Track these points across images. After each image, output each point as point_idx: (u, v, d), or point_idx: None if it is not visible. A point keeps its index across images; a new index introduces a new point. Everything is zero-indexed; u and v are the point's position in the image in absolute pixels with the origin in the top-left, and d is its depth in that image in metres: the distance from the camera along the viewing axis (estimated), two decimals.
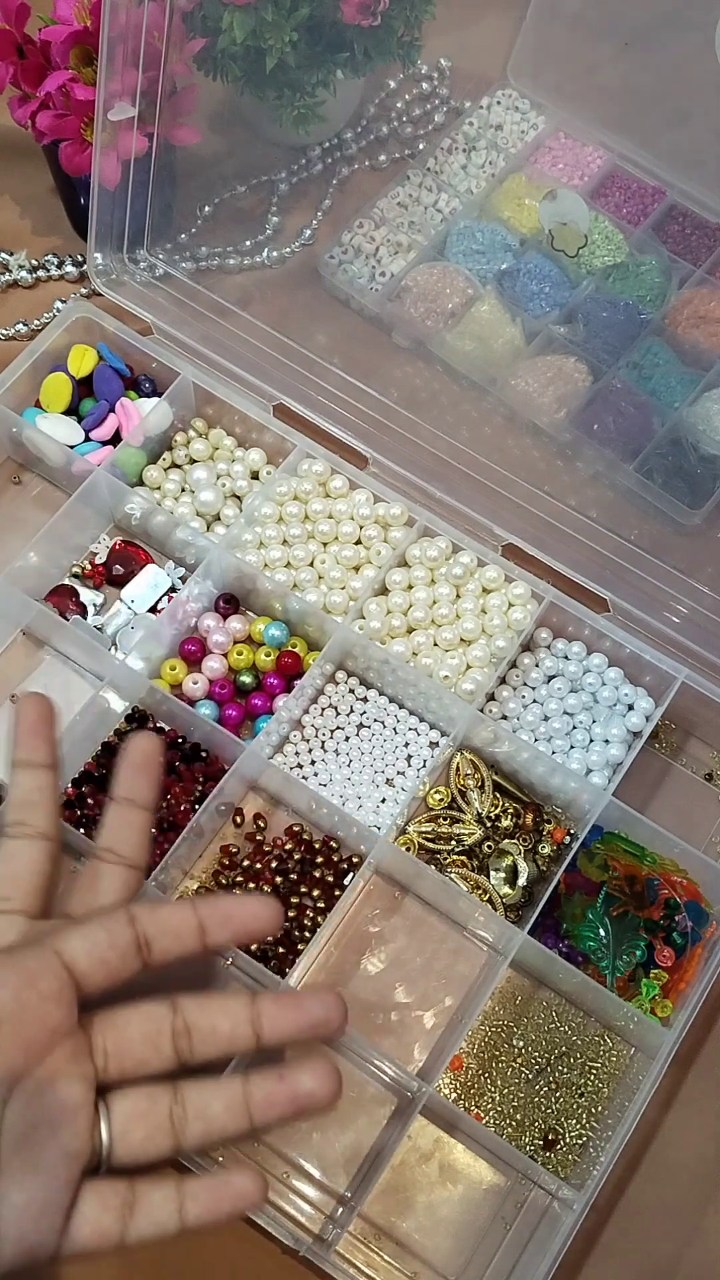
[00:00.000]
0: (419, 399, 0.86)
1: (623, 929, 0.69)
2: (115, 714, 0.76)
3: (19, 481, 0.84)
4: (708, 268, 0.90)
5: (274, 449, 0.82)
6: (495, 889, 0.72)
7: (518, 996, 0.71)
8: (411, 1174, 0.67)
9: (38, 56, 0.79)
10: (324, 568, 0.79)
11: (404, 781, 0.76)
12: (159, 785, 0.49)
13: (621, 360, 0.85)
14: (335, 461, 0.80)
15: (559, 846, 0.73)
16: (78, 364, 0.81)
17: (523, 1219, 0.67)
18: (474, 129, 0.97)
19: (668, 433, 0.83)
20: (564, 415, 0.84)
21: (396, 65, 0.89)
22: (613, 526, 0.80)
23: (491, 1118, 0.68)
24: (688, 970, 0.69)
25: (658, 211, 0.93)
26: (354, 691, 0.78)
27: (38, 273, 0.91)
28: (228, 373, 0.83)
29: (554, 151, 0.96)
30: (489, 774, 0.75)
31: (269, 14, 0.77)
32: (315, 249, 0.92)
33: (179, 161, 0.87)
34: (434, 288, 0.87)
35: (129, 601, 0.79)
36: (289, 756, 0.76)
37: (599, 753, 0.75)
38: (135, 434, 0.80)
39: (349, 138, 0.97)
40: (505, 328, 0.86)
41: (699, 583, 0.78)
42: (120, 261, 0.85)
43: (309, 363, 0.83)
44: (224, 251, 0.92)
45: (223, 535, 0.80)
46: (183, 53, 0.78)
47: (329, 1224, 0.65)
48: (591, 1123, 0.68)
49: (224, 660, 0.77)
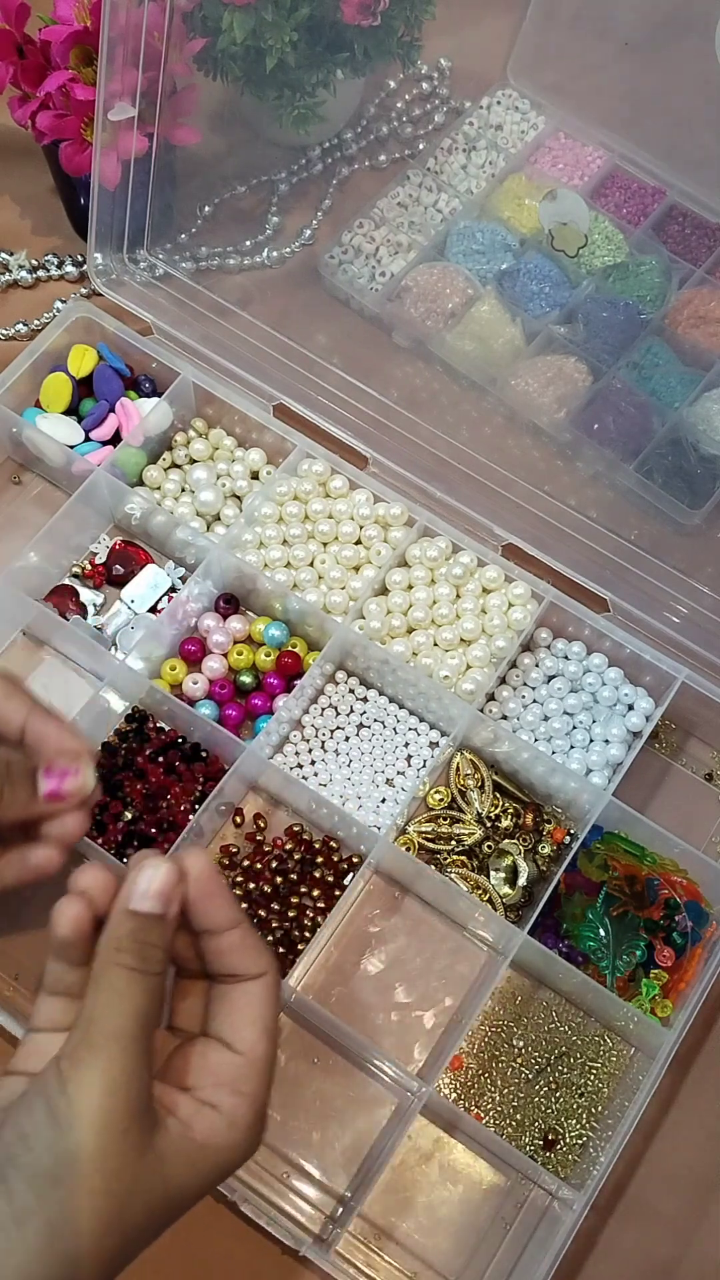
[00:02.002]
0: (419, 399, 0.86)
1: (623, 929, 0.69)
2: (115, 714, 0.76)
3: (19, 481, 0.84)
4: (708, 268, 0.90)
5: (274, 449, 0.82)
6: (495, 889, 0.72)
7: (518, 996, 0.71)
8: (411, 1174, 0.67)
9: (38, 56, 0.79)
10: (324, 568, 0.79)
11: (404, 781, 0.76)
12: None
13: (621, 360, 0.85)
14: (335, 461, 0.80)
15: (559, 846, 0.73)
16: (78, 364, 0.81)
17: (523, 1219, 0.67)
18: (474, 129, 0.97)
19: (668, 433, 0.83)
20: (564, 415, 0.84)
21: (396, 65, 0.89)
22: (613, 526, 0.80)
23: (491, 1118, 0.68)
24: (688, 970, 0.69)
25: (658, 211, 0.93)
26: (354, 691, 0.78)
27: (38, 273, 0.91)
28: (228, 373, 0.83)
29: (554, 151, 0.96)
30: (489, 774, 0.75)
31: (269, 14, 0.77)
32: (315, 249, 0.92)
33: (179, 161, 0.87)
34: (434, 288, 0.87)
35: (129, 601, 0.79)
36: (289, 756, 0.76)
37: (599, 753, 0.75)
38: (135, 434, 0.80)
39: (349, 138, 0.97)
40: (505, 328, 0.86)
41: (699, 583, 0.78)
42: (120, 261, 0.85)
43: (309, 363, 0.83)
44: (224, 251, 0.91)
45: (223, 535, 0.80)
46: (183, 53, 0.78)
47: (329, 1224, 0.65)
48: (591, 1123, 0.68)
49: (224, 660, 0.77)
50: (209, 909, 0.43)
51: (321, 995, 0.70)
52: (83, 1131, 0.38)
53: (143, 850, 0.46)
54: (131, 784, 0.73)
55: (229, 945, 0.44)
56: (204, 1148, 0.41)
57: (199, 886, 0.43)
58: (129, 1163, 0.39)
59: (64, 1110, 0.38)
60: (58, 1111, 0.38)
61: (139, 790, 0.72)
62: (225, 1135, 0.41)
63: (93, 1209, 0.38)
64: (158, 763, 0.74)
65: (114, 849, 0.70)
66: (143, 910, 0.42)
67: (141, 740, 0.75)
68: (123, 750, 0.74)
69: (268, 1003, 0.44)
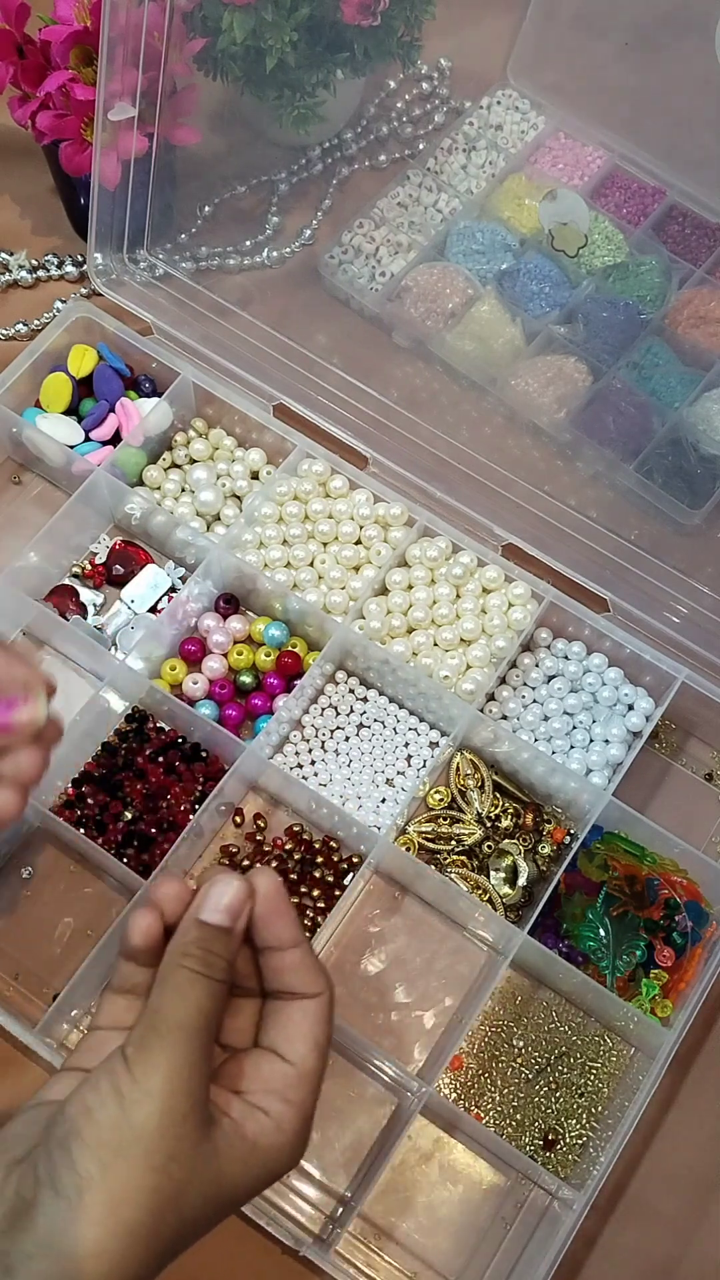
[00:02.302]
0: (419, 399, 0.86)
1: (623, 929, 0.69)
2: (115, 714, 0.76)
3: (19, 481, 0.84)
4: (708, 268, 0.90)
5: (274, 449, 0.82)
6: (495, 889, 0.72)
7: (518, 996, 0.71)
8: (411, 1174, 0.67)
9: (38, 56, 0.79)
10: (324, 568, 0.79)
11: (404, 781, 0.76)
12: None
13: (621, 360, 0.85)
14: (335, 461, 0.80)
15: (559, 846, 0.73)
16: (78, 364, 0.81)
17: (523, 1219, 0.67)
18: (474, 129, 0.97)
19: (668, 433, 0.83)
20: (564, 415, 0.84)
21: (396, 65, 0.89)
22: (613, 526, 0.80)
23: (491, 1118, 0.68)
24: (688, 970, 0.69)
25: (658, 211, 0.93)
26: (354, 691, 0.78)
27: (38, 273, 0.91)
28: (228, 373, 0.83)
29: (554, 151, 0.96)
30: (489, 774, 0.75)
31: (269, 14, 0.77)
32: (315, 249, 0.92)
33: (179, 161, 0.87)
34: (434, 288, 0.87)
35: (129, 601, 0.79)
36: (289, 756, 0.76)
37: (599, 753, 0.75)
38: (135, 434, 0.80)
39: (349, 138, 0.97)
40: (505, 328, 0.86)
41: (699, 583, 0.78)
42: (120, 261, 0.85)
43: (309, 363, 0.83)
44: (224, 251, 0.91)
45: (223, 535, 0.80)
46: (183, 53, 0.78)
47: (329, 1224, 0.65)
48: (591, 1123, 0.68)
49: (224, 660, 0.77)
50: (274, 927, 0.45)
51: None
52: (146, 1109, 0.40)
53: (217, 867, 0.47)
54: (131, 784, 0.73)
55: (290, 964, 0.46)
56: (254, 1147, 0.42)
57: (266, 904, 0.45)
58: (187, 1147, 0.40)
59: (129, 1089, 0.40)
60: (123, 1090, 0.40)
61: (139, 790, 0.72)
62: (273, 1138, 0.43)
63: (154, 1186, 0.39)
64: (158, 763, 0.74)
65: (114, 849, 0.70)
66: (212, 922, 0.44)
67: (141, 740, 0.75)
68: (123, 750, 0.74)
69: (322, 1021, 0.46)
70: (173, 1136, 0.40)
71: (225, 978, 0.43)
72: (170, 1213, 0.40)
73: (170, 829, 0.71)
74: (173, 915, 0.45)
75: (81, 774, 0.73)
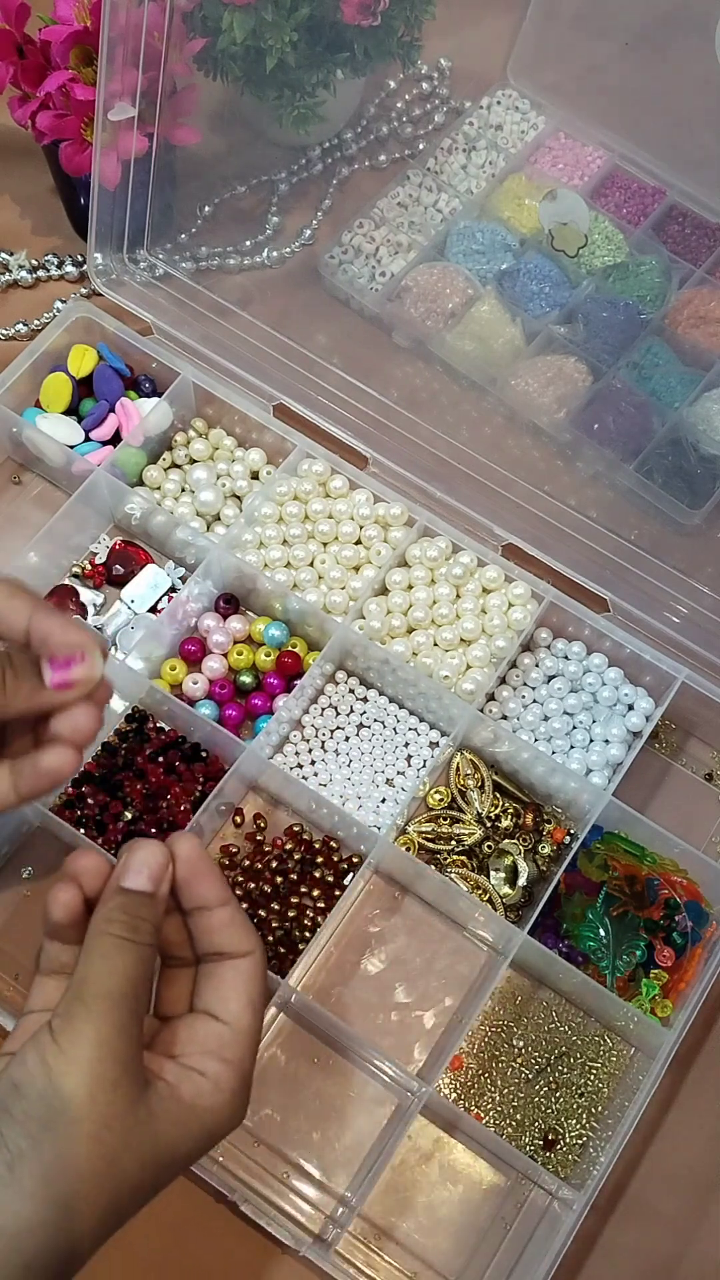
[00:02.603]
0: (419, 399, 0.86)
1: (623, 929, 0.69)
2: (115, 714, 0.76)
3: (19, 481, 0.84)
4: (708, 268, 0.90)
5: (274, 449, 0.82)
6: (495, 889, 0.72)
7: (518, 996, 0.71)
8: (411, 1174, 0.67)
9: (38, 56, 0.79)
10: (324, 568, 0.79)
11: (404, 781, 0.76)
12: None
13: (621, 360, 0.85)
14: (335, 461, 0.80)
15: (559, 846, 0.73)
16: (78, 364, 0.81)
17: (523, 1219, 0.67)
18: (474, 129, 0.97)
19: (668, 433, 0.83)
20: (564, 415, 0.84)
21: (396, 65, 0.89)
22: (613, 526, 0.80)
23: (491, 1118, 0.68)
24: (688, 970, 0.69)
25: (658, 211, 0.93)
26: (354, 691, 0.78)
27: (38, 273, 0.91)
28: (228, 373, 0.83)
29: (554, 151, 0.96)
30: (489, 774, 0.75)
31: (269, 14, 0.77)
32: (315, 249, 0.92)
33: (179, 161, 0.87)
34: (434, 288, 0.87)
35: (129, 601, 0.79)
36: (289, 756, 0.76)
37: (599, 753, 0.75)
38: (135, 434, 0.80)
39: (349, 138, 0.97)
40: (505, 328, 0.86)
41: (699, 583, 0.78)
42: (120, 261, 0.85)
43: (309, 363, 0.83)
44: (224, 251, 0.91)
45: (223, 535, 0.80)
46: (183, 53, 0.78)
47: (329, 1224, 0.65)
48: (591, 1123, 0.68)
49: (224, 660, 0.77)
50: (198, 887, 0.46)
51: (321, 995, 0.70)
52: (75, 1079, 0.40)
53: (138, 837, 0.48)
54: (131, 784, 0.73)
55: (218, 923, 0.46)
56: (192, 1108, 0.43)
57: (187, 867, 0.46)
58: (119, 1113, 0.40)
59: (55, 1060, 0.40)
60: (49, 1061, 0.40)
61: (139, 790, 0.72)
62: (211, 1098, 0.43)
63: (86, 1154, 0.39)
64: (158, 763, 0.74)
65: (114, 849, 0.70)
66: (134, 888, 0.44)
67: (141, 740, 0.75)
68: (123, 750, 0.74)
69: (254, 978, 0.46)
70: (104, 1103, 0.40)
71: (151, 942, 0.43)
72: (107, 1180, 0.40)
73: (170, 829, 0.71)
74: (92, 889, 0.46)
75: (81, 774, 0.73)
